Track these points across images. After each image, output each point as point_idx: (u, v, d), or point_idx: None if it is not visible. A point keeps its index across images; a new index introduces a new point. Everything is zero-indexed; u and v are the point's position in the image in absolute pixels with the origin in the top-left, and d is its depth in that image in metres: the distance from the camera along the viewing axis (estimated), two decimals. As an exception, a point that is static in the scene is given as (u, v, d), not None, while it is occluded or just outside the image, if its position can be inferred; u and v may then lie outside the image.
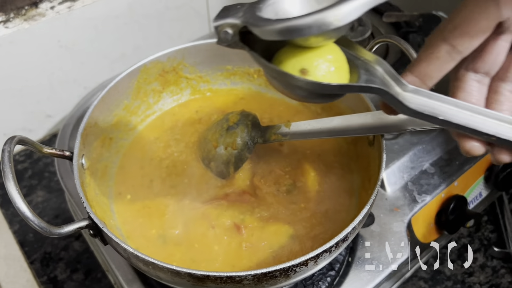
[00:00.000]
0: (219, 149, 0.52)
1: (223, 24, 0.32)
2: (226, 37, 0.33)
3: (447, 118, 0.34)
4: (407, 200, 0.58)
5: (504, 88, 0.35)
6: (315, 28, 0.28)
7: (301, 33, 0.29)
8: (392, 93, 0.33)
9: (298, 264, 0.38)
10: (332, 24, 0.28)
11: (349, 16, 0.28)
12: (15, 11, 0.67)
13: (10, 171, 0.38)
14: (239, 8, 0.33)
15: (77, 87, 0.77)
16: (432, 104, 0.35)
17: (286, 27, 0.29)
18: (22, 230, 0.67)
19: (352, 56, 0.36)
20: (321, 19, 0.28)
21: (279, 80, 0.34)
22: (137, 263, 0.41)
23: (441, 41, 0.34)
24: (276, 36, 0.30)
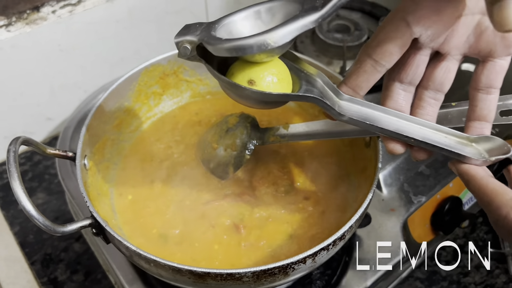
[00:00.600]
0: (218, 151, 0.53)
1: (182, 41, 0.37)
2: (185, 52, 0.37)
3: (375, 123, 0.39)
4: (403, 201, 0.59)
5: (426, 95, 0.40)
6: (256, 48, 0.33)
7: (244, 52, 0.34)
8: (328, 102, 0.38)
9: (296, 261, 0.39)
10: (270, 45, 0.33)
11: (282, 39, 0.33)
12: (17, 15, 0.68)
13: (16, 171, 0.39)
14: (198, 27, 0.37)
15: (77, 91, 0.78)
16: (364, 111, 0.40)
17: (232, 46, 0.34)
18: (22, 231, 0.67)
19: (296, 69, 0.41)
20: (260, 40, 0.33)
21: (231, 90, 0.39)
22: (139, 261, 0.42)
23: (366, 56, 0.38)
24: (225, 53, 0.35)
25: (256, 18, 0.38)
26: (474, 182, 0.36)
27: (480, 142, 0.39)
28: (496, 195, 0.33)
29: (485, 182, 0.35)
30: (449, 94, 0.68)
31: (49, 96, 0.75)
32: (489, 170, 0.38)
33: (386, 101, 0.41)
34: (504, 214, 0.32)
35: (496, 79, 0.38)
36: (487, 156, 0.38)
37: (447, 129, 0.40)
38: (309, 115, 0.61)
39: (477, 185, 0.35)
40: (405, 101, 0.40)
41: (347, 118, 0.39)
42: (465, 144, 0.39)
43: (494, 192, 0.34)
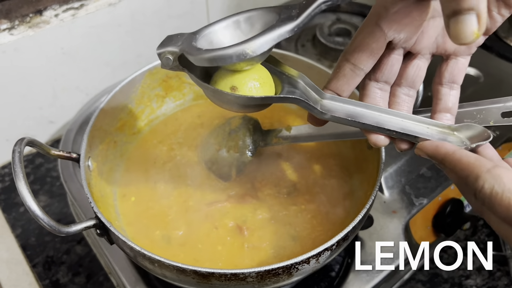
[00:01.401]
0: (221, 152, 0.54)
1: (164, 52, 0.38)
2: (168, 62, 0.38)
3: (357, 119, 0.40)
4: (405, 203, 0.60)
5: (400, 92, 0.42)
6: (235, 58, 0.34)
7: (224, 62, 0.35)
8: (310, 102, 0.39)
9: (300, 261, 0.40)
10: (248, 54, 0.34)
11: (260, 48, 0.34)
12: (20, 19, 0.69)
13: (21, 171, 0.39)
14: (179, 37, 0.38)
15: (79, 94, 0.78)
16: (346, 108, 0.41)
17: (212, 57, 0.35)
18: (24, 234, 0.67)
19: (278, 72, 0.42)
20: (239, 50, 0.34)
21: (215, 96, 0.40)
22: (143, 262, 0.42)
23: (345, 61, 0.40)
24: (205, 63, 0.35)
25: (236, 28, 0.39)
26: (448, 158, 0.35)
27: (461, 131, 0.40)
28: (474, 168, 0.32)
29: (458, 156, 0.34)
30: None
31: (51, 99, 0.75)
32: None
33: (363, 99, 0.42)
34: (481, 185, 0.31)
35: (459, 75, 0.40)
36: (469, 143, 0.38)
37: (429, 120, 0.40)
38: (311, 117, 0.61)
39: (452, 161, 0.34)
40: (382, 99, 0.41)
41: (329, 116, 0.40)
42: (447, 134, 0.40)
43: (470, 165, 0.33)
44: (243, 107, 0.40)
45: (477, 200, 0.32)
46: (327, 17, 0.87)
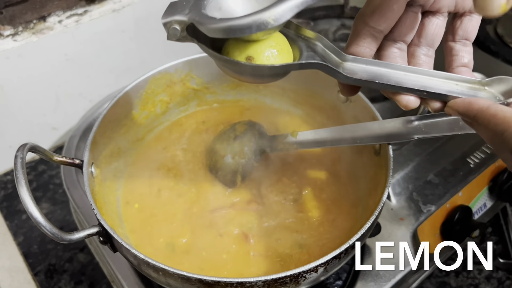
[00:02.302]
0: (226, 159, 0.53)
1: (171, 21, 0.34)
2: (175, 33, 0.35)
3: (384, 81, 0.37)
4: (413, 210, 0.59)
5: (420, 52, 0.40)
6: (254, 28, 0.31)
7: (242, 32, 0.31)
8: (331, 65, 0.36)
9: (308, 270, 0.39)
10: (269, 24, 0.31)
11: (283, 17, 0.31)
12: (24, 25, 0.69)
13: (23, 177, 0.39)
14: (185, 4, 0.35)
15: (82, 100, 0.78)
16: (370, 69, 0.38)
17: (228, 27, 0.32)
18: (26, 242, 0.67)
19: (295, 35, 0.39)
20: (259, 19, 0.31)
21: (229, 67, 0.37)
22: (147, 270, 0.41)
23: (363, 24, 0.38)
24: (220, 34, 0.32)
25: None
26: (482, 114, 0.32)
27: (493, 85, 0.37)
28: (509, 122, 0.30)
29: (493, 111, 0.32)
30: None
31: (54, 105, 0.75)
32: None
33: (382, 60, 0.40)
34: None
35: (473, 32, 0.39)
36: (503, 98, 0.36)
37: (457, 76, 0.38)
38: (316, 122, 0.61)
39: (486, 116, 0.32)
40: (402, 59, 0.40)
41: (354, 79, 0.37)
42: (478, 89, 0.37)
43: (506, 119, 0.31)
44: (260, 77, 0.37)
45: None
46: (332, 23, 0.86)
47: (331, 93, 0.57)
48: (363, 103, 0.52)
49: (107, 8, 0.73)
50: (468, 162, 0.63)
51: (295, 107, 0.63)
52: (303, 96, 0.61)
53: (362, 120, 0.51)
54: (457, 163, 0.63)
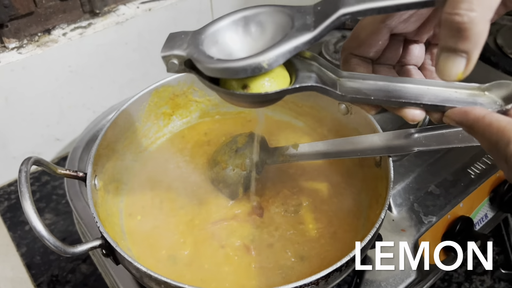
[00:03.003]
0: (228, 170, 0.53)
1: (169, 56, 0.35)
2: (174, 67, 0.36)
3: (380, 96, 0.37)
4: (414, 221, 0.59)
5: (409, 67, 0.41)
6: (249, 71, 0.32)
7: (237, 75, 0.33)
8: (327, 86, 0.36)
9: (309, 283, 0.39)
10: (263, 68, 0.32)
11: (276, 62, 0.32)
12: (29, 38, 0.70)
13: (27, 191, 0.39)
14: (183, 37, 0.36)
15: (86, 111, 0.79)
16: (366, 85, 0.38)
17: (225, 68, 0.33)
18: (29, 252, 0.67)
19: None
20: (254, 64, 0.32)
21: (226, 96, 0.37)
22: (149, 283, 0.41)
23: (352, 56, 0.40)
24: (217, 74, 0.33)
25: (245, 31, 0.36)
26: (477, 124, 0.32)
27: (492, 90, 0.36)
28: (504, 132, 0.30)
29: (488, 121, 0.32)
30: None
31: (58, 117, 0.76)
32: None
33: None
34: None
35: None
36: (503, 103, 0.35)
37: (456, 84, 0.37)
38: (318, 135, 0.61)
39: (482, 126, 0.32)
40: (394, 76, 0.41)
41: (349, 97, 0.37)
42: (477, 95, 0.36)
43: (500, 129, 0.31)
44: (257, 103, 0.38)
45: (508, 166, 0.30)
46: (333, 34, 0.87)
47: (332, 106, 0.58)
48: (363, 115, 0.53)
49: (110, 20, 0.74)
50: (469, 173, 0.64)
51: (297, 119, 0.63)
52: (304, 109, 0.61)
53: (363, 132, 0.52)
54: (458, 174, 0.63)
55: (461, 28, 0.28)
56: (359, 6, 0.31)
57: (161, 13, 0.77)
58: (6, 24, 0.66)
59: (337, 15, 0.31)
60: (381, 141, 0.49)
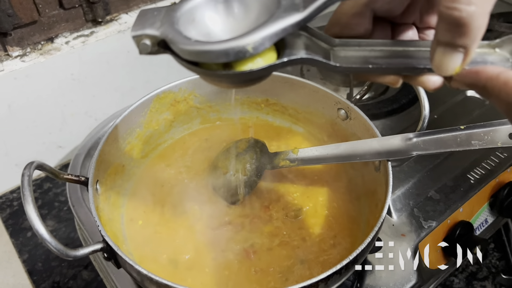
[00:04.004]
0: (228, 176, 0.54)
1: (140, 35, 0.31)
2: (146, 48, 0.32)
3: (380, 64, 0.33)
4: (414, 226, 0.59)
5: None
6: (232, 56, 0.29)
7: (217, 59, 0.29)
8: (319, 57, 0.33)
9: (308, 286, 0.39)
10: (248, 52, 0.29)
11: (263, 45, 0.29)
12: (32, 46, 0.71)
13: (30, 194, 0.39)
14: (156, 14, 0.32)
15: (88, 119, 0.79)
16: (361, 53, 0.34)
17: (204, 51, 0.29)
18: (31, 259, 0.67)
19: None
20: (237, 47, 0.28)
21: (208, 77, 0.33)
22: (150, 286, 0.41)
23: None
24: (195, 57, 0.30)
25: (226, 10, 0.33)
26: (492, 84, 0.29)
27: (504, 46, 0.32)
28: None
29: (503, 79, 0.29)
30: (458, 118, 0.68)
31: (60, 124, 0.76)
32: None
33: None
34: None
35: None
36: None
37: None
38: (317, 140, 0.62)
39: (497, 86, 0.29)
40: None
41: (344, 67, 0.33)
42: (487, 53, 0.32)
43: None
44: (241, 82, 0.34)
45: None
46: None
47: (332, 111, 0.58)
48: (362, 121, 0.53)
49: (112, 29, 0.74)
50: (468, 178, 0.64)
51: (296, 125, 0.64)
52: (304, 114, 0.62)
53: (362, 137, 0.52)
54: (458, 179, 0.63)
55: (460, 23, 0.27)
56: None
57: (163, 22, 0.78)
58: (10, 33, 0.67)
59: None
60: (380, 146, 0.49)
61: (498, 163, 0.65)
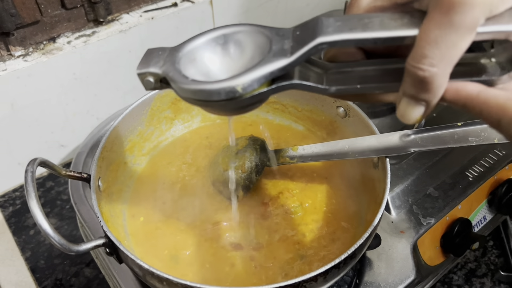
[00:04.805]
0: (229, 173, 0.54)
1: (145, 73, 0.34)
2: (149, 85, 0.35)
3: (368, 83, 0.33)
4: (413, 223, 0.59)
5: None
6: (224, 95, 0.31)
7: (211, 98, 0.31)
8: (310, 82, 0.33)
9: (308, 279, 0.40)
10: (238, 92, 0.31)
11: (250, 87, 0.31)
12: (34, 46, 0.71)
13: (33, 190, 0.40)
14: (160, 54, 0.35)
15: (90, 118, 0.80)
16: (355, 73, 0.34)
17: (198, 90, 0.31)
18: (34, 257, 0.68)
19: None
20: (228, 88, 0.31)
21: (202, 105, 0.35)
22: (152, 281, 0.42)
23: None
24: (190, 95, 0.32)
25: (224, 51, 0.35)
26: (472, 103, 0.29)
27: (498, 54, 0.31)
28: (505, 109, 0.28)
29: (483, 98, 0.29)
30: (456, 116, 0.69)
31: (62, 123, 0.77)
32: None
33: None
34: None
35: None
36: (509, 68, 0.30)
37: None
38: (317, 137, 0.62)
39: (478, 105, 0.29)
40: None
41: (334, 90, 0.33)
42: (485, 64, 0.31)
43: (500, 106, 0.28)
44: (237, 109, 0.35)
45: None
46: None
47: (331, 109, 0.59)
48: (361, 118, 0.54)
49: (114, 29, 0.75)
50: (467, 175, 0.64)
51: (296, 123, 0.64)
52: (303, 112, 0.63)
53: (361, 135, 0.53)
54: (456, 177, 0.64)
55: (423, 81, 0.28)
56: (336, 36, 0.30)
57: (164, 22, 0.79)
58: (13, 33, 0.68)
59: (314, 44, 0.30)
60: (378, 143, 0.50)
61: (496, 160, 0.66)
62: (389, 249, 0.57)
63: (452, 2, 0.25)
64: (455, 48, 0.27)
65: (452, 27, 0.26)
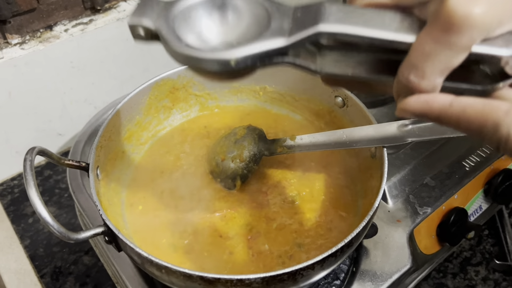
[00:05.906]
0: (227, 162, 0.54)
1: (136, 26, 0.32)
2: (140, 37, 0.33)
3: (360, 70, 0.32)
4: (409, 212, 0.60)
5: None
6: (216, 65, 0.30)
7: (202, 67, 0.30)
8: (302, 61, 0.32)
9: (305, 267, 0.40)
10: (230, 66, 0.29)
11: (244, 62, 0.29)
12: (31, 34, 0.71)
13: (32, 179, 0.40)
14: (155, 6, 0.33)
15: (87, 107, 0.80)
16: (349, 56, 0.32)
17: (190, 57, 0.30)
18: (33, 244, 0.68)
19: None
20: (222, 59, 0.29)
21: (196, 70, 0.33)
22: (150, 268, 0.42)
23: None
24: (181, 60, 0.31)
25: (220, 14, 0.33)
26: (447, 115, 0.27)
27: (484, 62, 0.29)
28: (486, 116, 0.26)
29: (459, 107, 0.27)
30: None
31: (60, 112, 0.77)
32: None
33: None
34: (505, 135, 0.25)
35: None
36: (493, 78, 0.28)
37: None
38: (315, 127, 0.63)
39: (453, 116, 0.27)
40: None
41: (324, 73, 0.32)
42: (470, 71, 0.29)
43: (479, 114, 0.26)
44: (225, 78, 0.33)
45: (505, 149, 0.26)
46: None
47: (329, 99, 0.59)
48: (359, 108, 0.54)
49: (111, 17, 0.75)
50: (463, 165, 0.65)
51: (294, 113, 0.65)
52: (301, 102, 0.63)
53: (358, 125, 0.53)
54: (453, 166, 0.64)
55: (412, 91, 0.28)
56: (337, 27, 0.29)
57: (161, 10, 0.79)
58: (9, 20, 0.67)
59: (314, 32, 0.29)
60: (376, 132, 0.50)
61: (493, 150, 0.66)
62: (386, 238, 0.58)
63: (452, 21, 0.25)
64: (447, 64, 0.27)
65: (448, 45, 0.26)
